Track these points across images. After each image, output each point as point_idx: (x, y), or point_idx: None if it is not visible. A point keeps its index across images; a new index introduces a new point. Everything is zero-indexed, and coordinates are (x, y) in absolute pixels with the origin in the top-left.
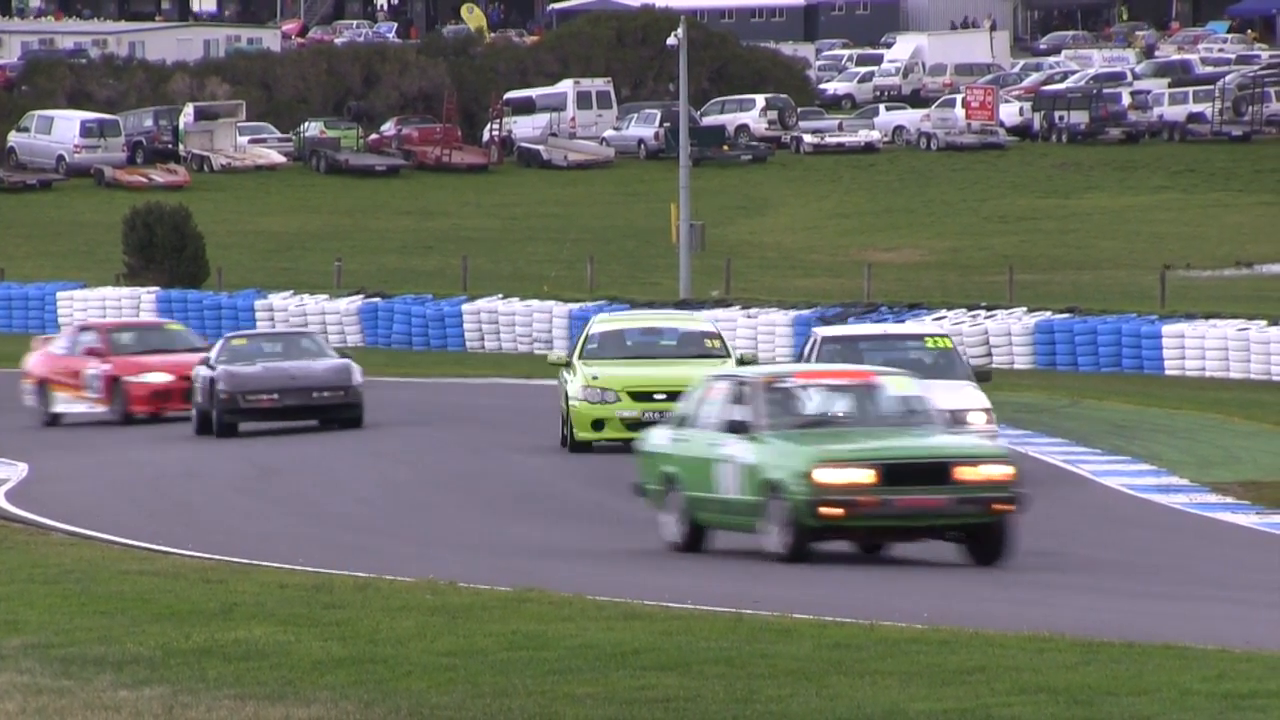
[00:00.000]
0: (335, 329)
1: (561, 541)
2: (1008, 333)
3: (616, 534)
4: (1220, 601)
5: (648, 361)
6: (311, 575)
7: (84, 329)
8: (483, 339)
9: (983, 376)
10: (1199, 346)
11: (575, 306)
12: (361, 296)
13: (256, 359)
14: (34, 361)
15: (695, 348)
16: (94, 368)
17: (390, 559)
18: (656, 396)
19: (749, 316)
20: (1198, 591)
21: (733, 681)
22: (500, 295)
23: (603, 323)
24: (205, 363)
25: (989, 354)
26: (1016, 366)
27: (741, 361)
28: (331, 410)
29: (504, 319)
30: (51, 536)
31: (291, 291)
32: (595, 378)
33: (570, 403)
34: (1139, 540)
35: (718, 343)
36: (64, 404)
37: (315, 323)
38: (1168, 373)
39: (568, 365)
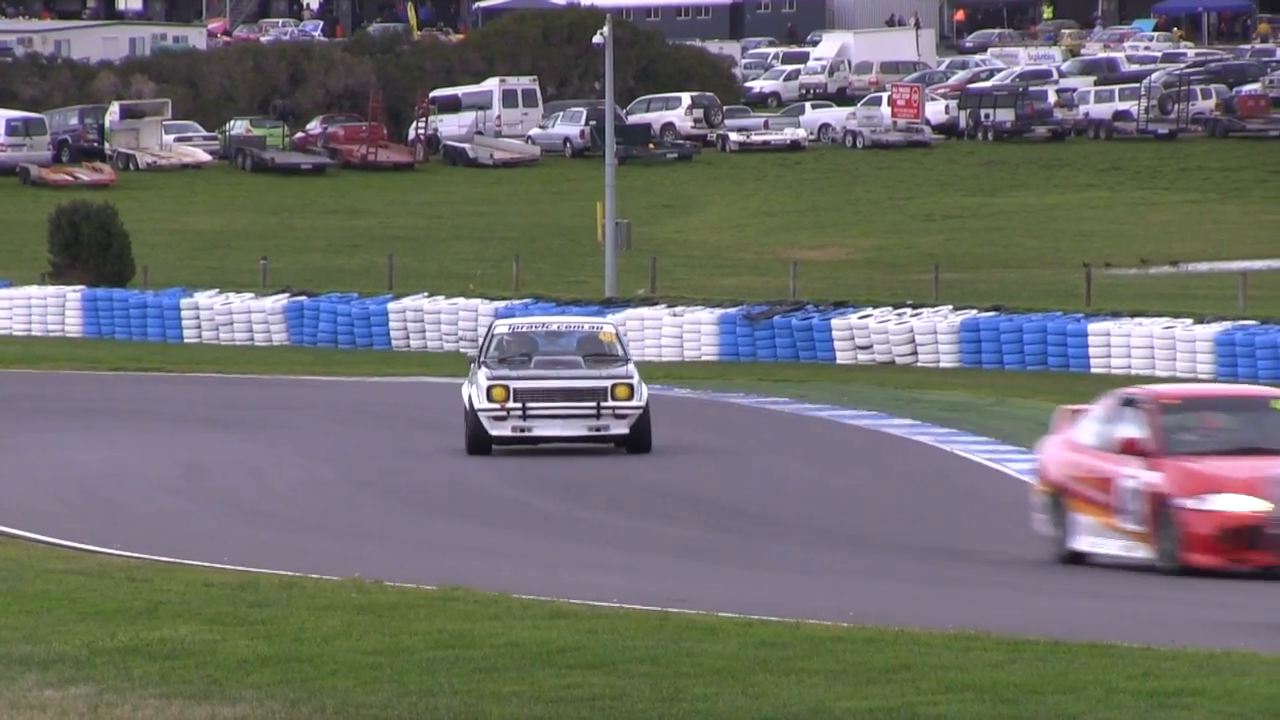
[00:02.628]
0: (261, 328)
1: (487, 540)
2: (933, 331)
3: (542, 533)
4: (1146, 600)
5: None
6: (237, 574)
7: (1127, 401)
8: (408, 338)
9: None
10: (1125, 345)
11: (501, 305)
12: (287, 295)
13: None
14: (1050, 451)
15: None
16: (1133, 475)
17: (316, 557)
18: None
19: (675, 315)
20: (1124, 589)
21: (658, 680)
22: (426, 294)
23: None
24: None
25: (915, 352)
26: (942, 365)
27: None
28: None
29: (429, 318)
30: None
31: (217, 290)
32: None
33: None
34: None
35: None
36: (1089, 535)
37: (241, 322)
38: (1094, 371)
39: None
